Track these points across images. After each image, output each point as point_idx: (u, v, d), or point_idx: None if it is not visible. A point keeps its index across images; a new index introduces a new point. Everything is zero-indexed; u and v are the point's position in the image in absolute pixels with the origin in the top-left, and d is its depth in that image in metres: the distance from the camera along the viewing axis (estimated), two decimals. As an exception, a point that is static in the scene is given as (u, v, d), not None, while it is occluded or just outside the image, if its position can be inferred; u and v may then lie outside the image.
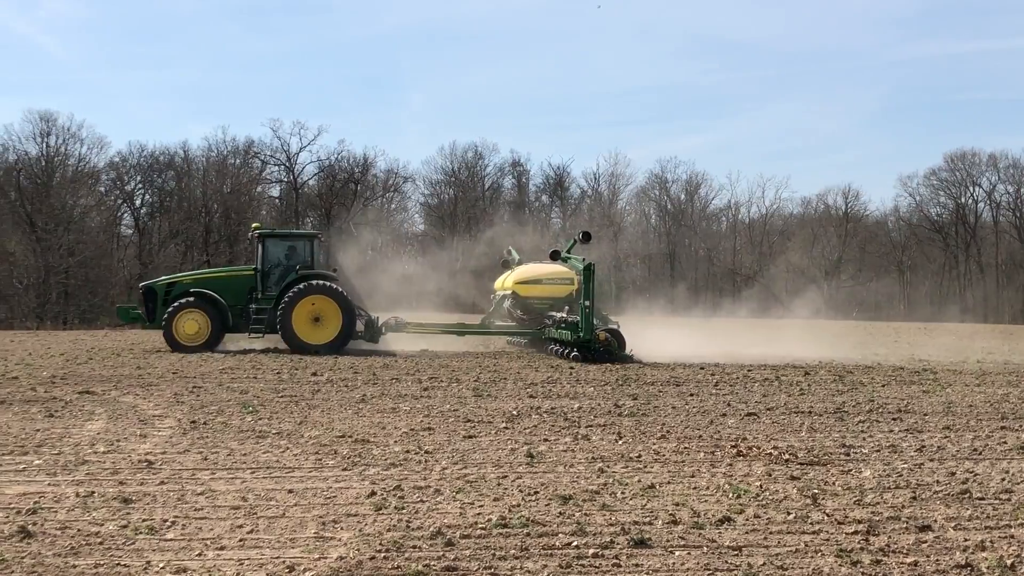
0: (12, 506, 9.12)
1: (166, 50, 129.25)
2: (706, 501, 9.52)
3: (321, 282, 29.26)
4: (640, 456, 11.93)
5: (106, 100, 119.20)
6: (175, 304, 29.06)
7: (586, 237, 30.60)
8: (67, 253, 63.53)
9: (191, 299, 29.25)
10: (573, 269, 29.79)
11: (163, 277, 32.34)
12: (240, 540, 8.01)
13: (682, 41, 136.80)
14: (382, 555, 7.57)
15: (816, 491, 9.98)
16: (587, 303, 26.64)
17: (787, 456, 12.05)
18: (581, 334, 26.46)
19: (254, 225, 33.81)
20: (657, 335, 31.36)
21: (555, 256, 30.35)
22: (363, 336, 30.14)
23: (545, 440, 13.08)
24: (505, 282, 31.28)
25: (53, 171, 71.29)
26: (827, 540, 8.15)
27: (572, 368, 23.32)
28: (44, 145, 71.35)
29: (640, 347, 27.42)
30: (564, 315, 27.89)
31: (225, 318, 29.43)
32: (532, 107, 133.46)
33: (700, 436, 13.61)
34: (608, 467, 11.15)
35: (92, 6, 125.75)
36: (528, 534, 8.18)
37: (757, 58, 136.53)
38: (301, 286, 28.90)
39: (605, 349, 26.55)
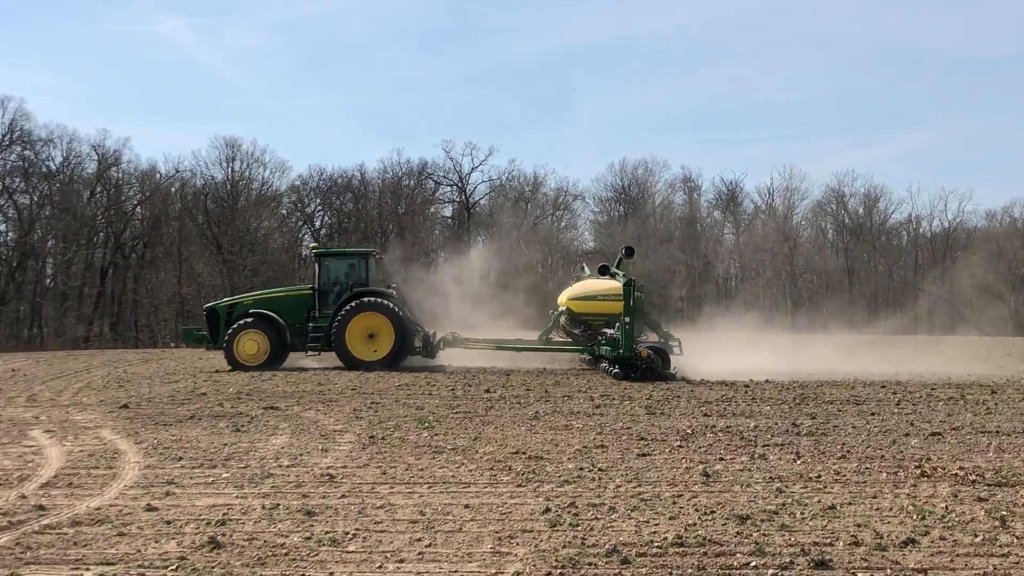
0: (202, 517, 9.48)
1: (343, 76, 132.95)
2: (889, 522, 9.24)
3: (374, 299, 29.47)
4: (819, 476, 11.66)
5: (287, 125, 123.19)
6: (235, 325, 29.76)
7: (629, 252, 29.98)
8: (251, 274, 65.78)
9: (250, 319, 29.88)
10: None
11: (226, 299, 32.92)
12: (419, 554, 8.15)
13: (857, 51, 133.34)
14: (558, 571, 7.59)
15: (1004, 513, 9.59)
16: (627, 319, 26.55)
17: (974, 477, 11.61)
18: (620, 351, 26.33)
19: (311, 245, 34.40)
20: (831, 352, 30.59)
21: (603, 271, 29.81)
22: (420, 352, 30.37)
23: (721, 459, 12.91)
24: (561, 298, 31.07)
25: (238, 195, 73.99)
26: (1016, 563, 7.84)
27: (747, 387, 22.93)
28: (230, 170, 74.34)
29: (816, 365, 26.80)
30: (614, 332, 27.59)
31: (284, 337, 29.99)
32: (703, 121, 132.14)
33: (882, 456, 13.22)
34: (786, 487, 10.93)
35: (273, 36, 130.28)
36: (705, 553, 8.09)
37: (935, 66, 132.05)
38: (354, 303, 29.24)
39: (647, 366, 26.19)
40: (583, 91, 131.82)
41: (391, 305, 29.30)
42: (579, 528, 8.96)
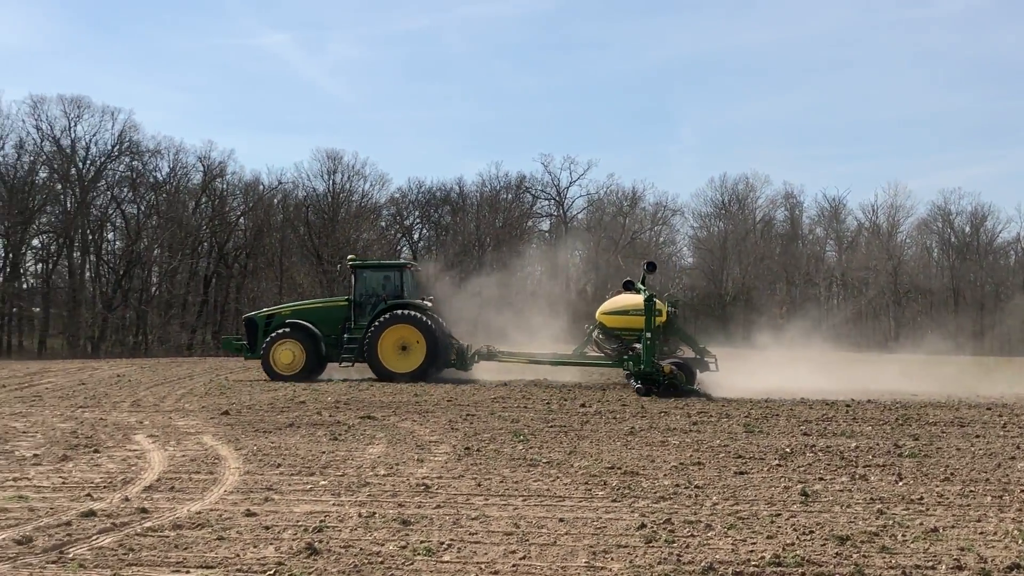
0: (300, 524, 9.60)
1: (443, 90, 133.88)
2: (993, 547, 9.00)
3: (407, 312, 29.70)
4: (922, 498, 11.39)
5: (387, 138, 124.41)
6: (272, 335, 30.10)
7: (651, 267, 29.40)
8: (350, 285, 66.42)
9: (286, 330, 30.22)
10: (663, 301, 29.68)
11: (264, 309, 33.47)
12: (513, 566, 8.14)
13: (962, 66, 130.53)
14: (653, 588, 7.53)
15: (1119, 542, 9.27)
16: (648, 335, 26.51)
17: (1084, 503, 11.25)
18: (642, 366, 26.28)
19: (349, 257, 34.61)
20: (937, 371, 29.91)
21: (628, 286, 29.32)
22: (455, 364, 30.48)
23: (820, 479, 12.69)
24: (597, 313, 30.84)
25: (338, 206, 74.87)
26: None
27: (848, 406, 22.51)
28: (331, 182, 75.23)
29: (921, 386, 26.21)
30: (640, 347, 27.36)
31: (319, 347, 30.25)
32: (805, 137, 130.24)
33: (987, 479, 12.87)
34: (887, 508, 10.70)
35: (373, 50, 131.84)
36: (803, 574, 7.97)
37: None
38: (387, 316, 29.49)
39: (670, 382, 25.92)
40: (683, 105, 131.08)
41: (423, 318, 29.60)
42: (675, 545, 8.88)
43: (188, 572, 7.84)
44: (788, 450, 15.18)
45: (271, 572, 7.87)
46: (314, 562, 8.21)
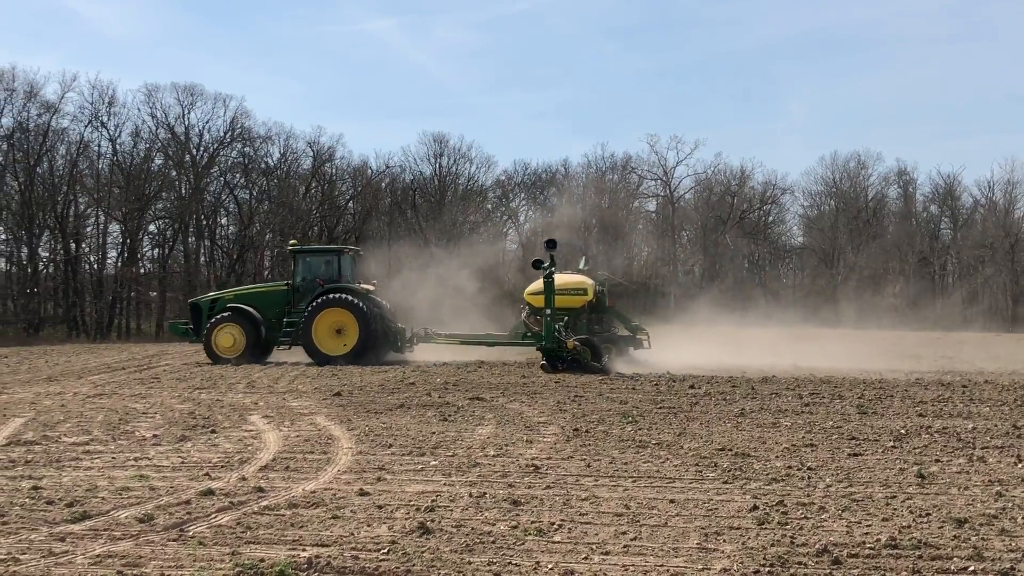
0: (412, 503, 9.72)
1: (549, 72, 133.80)
2: (1122, 532, 8.73)
3: (341, 296, 29.85)
4: (1044, 481, 11.10)
5: (493, 121, 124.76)
6: (213, 319, 30.48)
7: (550, 244, 28.47)
8: (458, 267, 66.86)
9: (227, 314, 30.57)
10: (591, 279, 30.47)
11: (210, 294, 34.10)
12: (624, 547, 8.14)
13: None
14: (766, 570, 7.47)
15: None
16: (547, 311, 26.80)
17: None
18: (544, 343, 26.57)
19: (291, 242, 34.79)
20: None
21: (536, 266, 28.64)
22: (393, 347, 30.96)
23: (936, 461, 12.44)
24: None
25: (445, 189, 75.43)
26: None
27: (965, 387, 21.99)
28: (437, 165, 75.93)
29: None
30: (560, 326, 27.59)
31: (260, 331, 30.51)
32: (919, 113, 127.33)
33: (1113, 462, 12.49)
34: (1007, 491, 10.44)
35: (479, 34, 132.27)
36: (920, 556, 7.82)
37: None
38: (321, 299, 29.70)
39: (573, 358, 26.08)
40: (791, 83, 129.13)
41: (357, 301, 29.78)
42: (788, 527, 8.79)
43: (304, 550, 7.99)
44: (903, 431, 14.89)
45: (385, 550, 7.98)
46: (427, 541, 8.31)
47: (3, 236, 57.51)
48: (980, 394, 20.55)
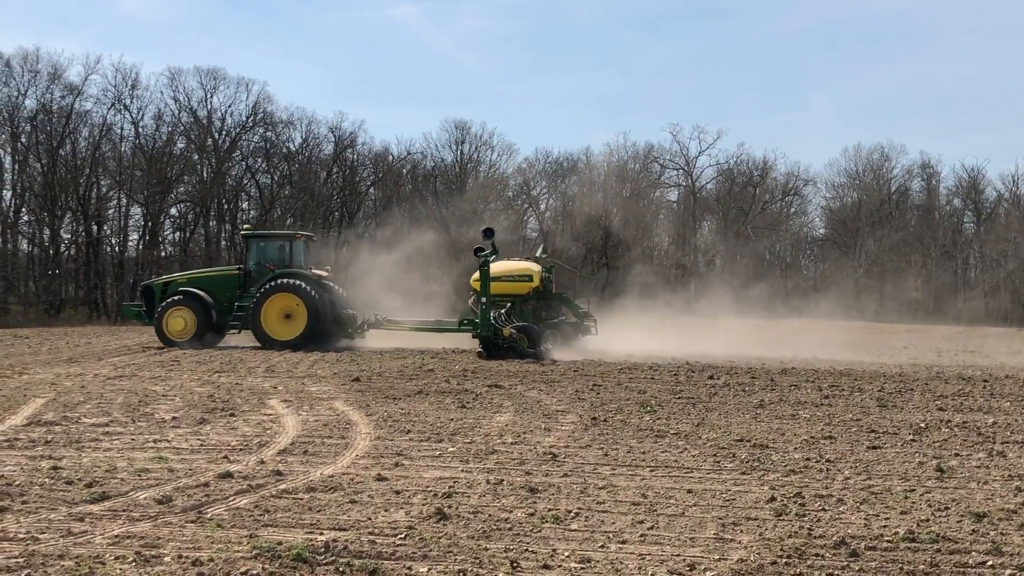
0: (429, 489, 9.74)
1: (572, 60, 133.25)
2: None
3: (289, 281, 29.91)
4: (1064, 477, 11.04)
5: (515, 108, 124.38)
6: (165, 303, 30.50)
7: (488, 233, 28.45)
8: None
9: (179, 297, 30.58)
10: (538, 266, 31.22)
11: (163, 277, 34.33)
12: (641, 535, 8.14)
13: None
14: (783, 561, 7.45)
15: None
16: (483, 299, 27.17)
17: None
18: (479, 330, 26.90)
19: (244, 226, 34.82)
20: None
21: (477, 252, 28.33)
22: (344, 333, 31.11)
23: (956, 455, 12.38)
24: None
25: (466, 177, 75.38)
26: None
27: (986, 382, 21.89)
28: (459, 152, 75.89)
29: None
30: (502, 312, 28.12)
31: (211, 315, 30.57)
32: (944, 106, 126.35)
33: None
34: (1027, 486, 10.39)
35: (503, 21, 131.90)
36: (938, 550, 7.79)
37: None
38: (270, 284, 29.79)
39: (509, 345, 26.42)
40: (815, 74, 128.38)
41: (305, 287, 29.86)
42: (805, 519, 8.77)
43: (322, 534, 8.01)
44: (923, 425, 14.83)
45: (402, 535, 8.00)
46: (444, 527, 8.33)
47: (26, 218, 57.87)
48: (1001, 389, 20.45)
